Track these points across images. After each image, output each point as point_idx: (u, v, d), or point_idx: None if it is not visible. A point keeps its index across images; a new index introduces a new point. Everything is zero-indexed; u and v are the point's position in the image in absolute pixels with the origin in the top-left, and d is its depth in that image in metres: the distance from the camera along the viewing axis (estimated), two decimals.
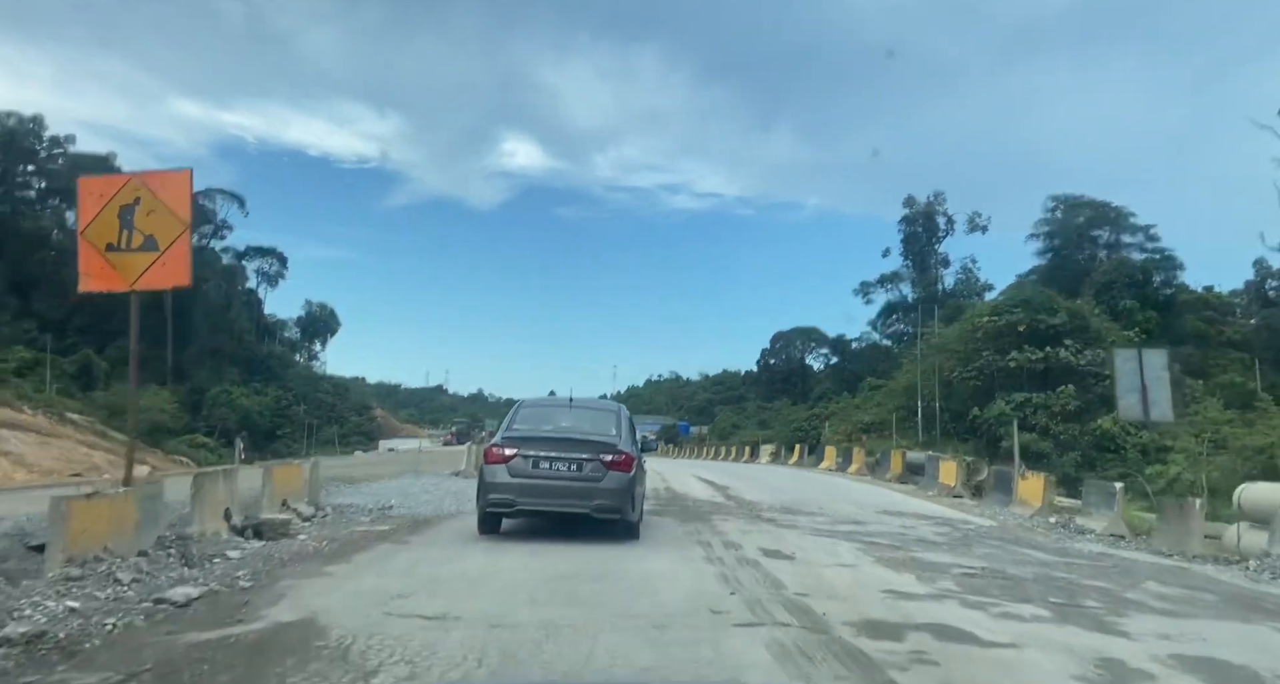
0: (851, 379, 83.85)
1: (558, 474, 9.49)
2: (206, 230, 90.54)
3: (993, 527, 14.09)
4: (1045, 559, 10.37)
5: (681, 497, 18.32)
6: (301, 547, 8.83)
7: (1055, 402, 45.85)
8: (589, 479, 9.48)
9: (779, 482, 23.15)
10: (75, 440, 54.91)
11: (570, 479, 9.50)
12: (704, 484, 21.73)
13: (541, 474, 9.50)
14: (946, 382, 51.79)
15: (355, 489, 15.24)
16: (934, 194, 67.56)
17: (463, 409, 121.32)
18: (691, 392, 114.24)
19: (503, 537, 10.07)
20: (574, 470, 9.50)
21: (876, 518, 14.89)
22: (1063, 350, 47.35)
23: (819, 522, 13.92)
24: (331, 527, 10.27)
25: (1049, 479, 15.43)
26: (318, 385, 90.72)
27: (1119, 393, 14.10)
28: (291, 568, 7.57)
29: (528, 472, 9.50)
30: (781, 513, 15.15)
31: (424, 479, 18.92)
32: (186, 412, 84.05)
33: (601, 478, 9.50)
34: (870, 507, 16.71)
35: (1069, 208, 63.82)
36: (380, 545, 9.14)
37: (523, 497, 9.52)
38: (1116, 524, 13.24)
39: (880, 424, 56.34)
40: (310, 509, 10.93)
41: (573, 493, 9.52)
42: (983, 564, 9.48)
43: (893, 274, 69.21)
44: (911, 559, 9.62)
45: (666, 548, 9.64)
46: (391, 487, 16.29)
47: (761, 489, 20.24)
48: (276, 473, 10.80)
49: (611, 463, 9.56)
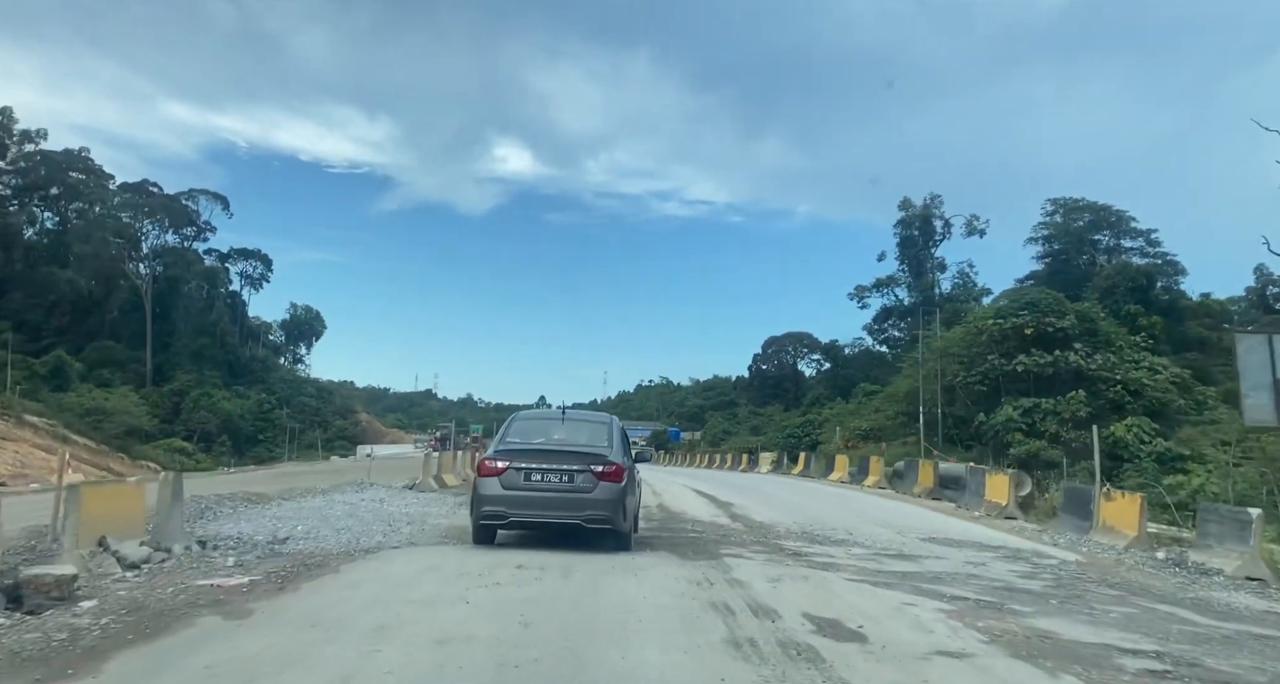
0: (845, 385, 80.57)
1: (549, 486, 9.35)
2: (189, 232, 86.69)
3: (1081, 563, 10.57)
4: (1213, 628, 6.88)
5: (677, 517, 14.78)
6: (64, 626, 5.22)
7: (1066, 407, 42.51)
8: (580, 490, 9.33)
9: (788, 496, 19.65)
10: (32, 444, 50.79)
11: (561, 490, 9.34)
12: (703, 500, 18.20)
13: (533, 486, 9.36)
14: (949, 387, 48.45)
15: (257, 511, 11.62)
16: (930, 197, 64.45)
17: (452, 413, 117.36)
18: (682, 397, 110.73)
19: (421, 604, 6.46)
20: (565, 482, 9.35)
21: (927, 548, 11.36)
22: (1072, 354, 44.12)
23: (858, 555, 10.38)
24: (163, 579, 6.68)
25: (1144, 501, 11.93)
26: (301, 389, 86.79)
27: (1244, 390, 10.73)
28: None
29: (519, 484, 9.35)
30: (806, 542, 11.62)
31: (365, 494, 15.37)
32: (164, 415, 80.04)
33: (592, 489, 9.33)
34: (911, 531, 13.19)
35: (1069, 211, 60.77)
36: (205, 619, 5.54)
37: (515, 508, 9.39)
38: (1254, 564, 9.76)
39: (879, 431, 52.96)
40: (145, 550, 7.33)
41: (564, 504, 9.37)
42: (1151, 645, 5.98)
43: (888, 278, 66.04)
44: (1037, 635, 6.11)
45: (662, 619, 6.08)
46: (309, 507, 12.70)
47: (771, 506, 16.73)
48: (90, 496, 7.16)
49: (602, 474, 9.38)
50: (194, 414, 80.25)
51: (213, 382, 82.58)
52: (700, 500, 17.96)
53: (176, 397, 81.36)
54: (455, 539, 10.41)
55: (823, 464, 28.02)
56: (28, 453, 48.99)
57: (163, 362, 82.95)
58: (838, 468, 25.33)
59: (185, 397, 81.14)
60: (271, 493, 14.42)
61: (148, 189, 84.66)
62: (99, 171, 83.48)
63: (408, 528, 10.83)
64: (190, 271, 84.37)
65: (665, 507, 16.52)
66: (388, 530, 10.59)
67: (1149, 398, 43.46)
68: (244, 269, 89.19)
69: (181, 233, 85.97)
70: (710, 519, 14.47)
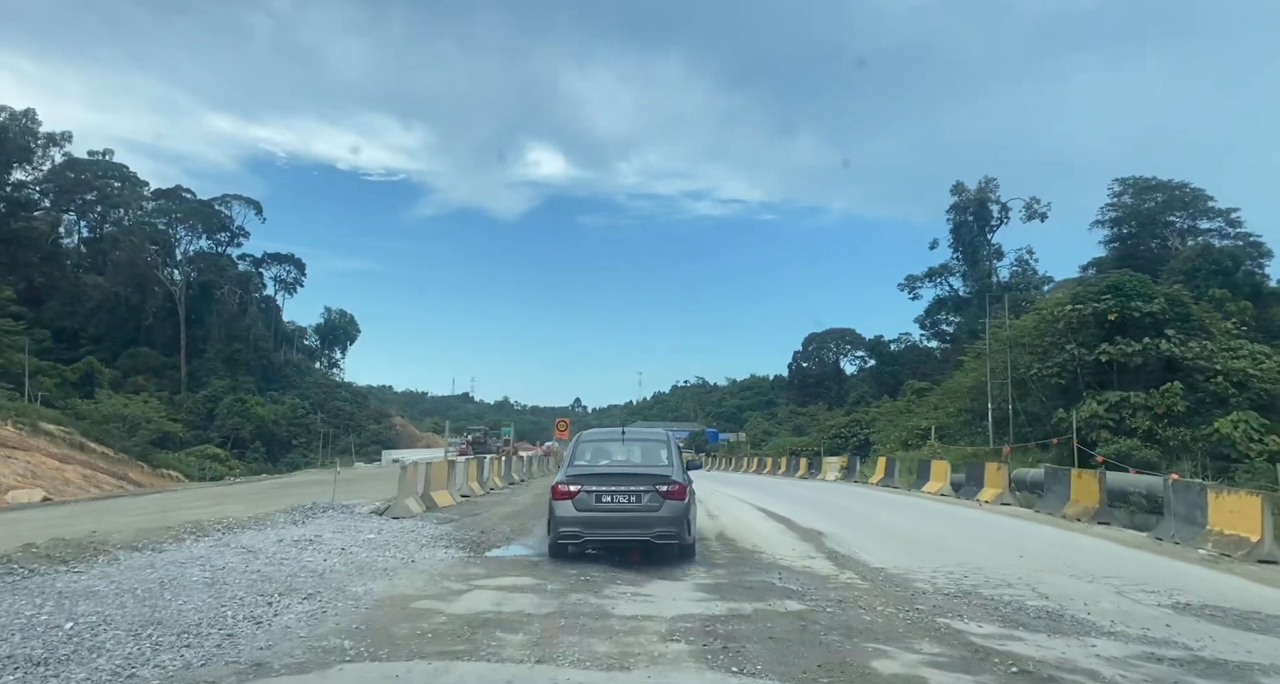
0: (891, 382, 74.64)
1: (619, 506, 9.49)
2: (223, 237, 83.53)
3: None
4: None
5: (751, 558, 9.63)
6: None
7: (1159, 401, 36.35)
8: (648, 509, 9.47)
9: (887, 517, 14.36)
10: (47, 453, 47.02)
11: (630, 510, 9.49)
12: (774, 524, 12.97)
13: (604, 507, 9.48)
14: (1020, 380, 42.48)
15: (46, 581, 6.62)
16: (985, 180, 58.29)
17: (488, 416, 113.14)
18: (719, 397, 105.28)
19: None
20: (633, 502, 9.50)
21: (1218, 635, 6.07)
22: (1164, 341, 37.95)
23: (1118, 659, 5.17)
24: None
25: None
26: (335, 393, 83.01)
27: None
28: None
29: (591, 505, 9.47)
30: (991, 619, 6.40)
31: (304, 527, 10.45)
32: (198, 422, 76.67)
33: (659, 507, 9.46)
34: (1133, 589, 7.83)
35: (1140, 191, 54.23)
36: None
37: (588, 528, 9.46)
38: None
39: (940, 430, 47.08)
40: None
41: (634, 522, 9.50)
42: None
43: (941, 267, 59.92)
44: None
45: None
46: (165, 563, 7.64)
47: (877, 536, 11.51)
48: None
49: (667, 493, 9.52)
50: (228, 420, 76.85)
51: (246, 387, 79.13)
52: (771, 525, 12.73)
53: (210, 403, 78.04)
54: (373, 639, 5.36)
55: (911, 471, 22.37)
56: (40, 462, 45.16)
57: (197, 367, 79.70)
58: (936, 476, 19.50)
59: (219, 403, 77.79)
60: (173, 524, 9.48)
61: (181, 194, 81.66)
62: (133, 178, 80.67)
63: (288, 617, 5.79)
64: (223, 277, 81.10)
65: (728, 537, 11.33)
66: (239, 625, 5.53)
67: (1255, 390, 37.16)
68: (278, 274, 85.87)
69: (215, 238, 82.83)
70: (802, 564, 9.25)
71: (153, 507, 19.32)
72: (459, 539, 10.65)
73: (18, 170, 57.15)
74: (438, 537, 10.68)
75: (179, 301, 78.75)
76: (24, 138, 56.39)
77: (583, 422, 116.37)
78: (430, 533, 10.93)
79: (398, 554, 9.01)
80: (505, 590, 7.32)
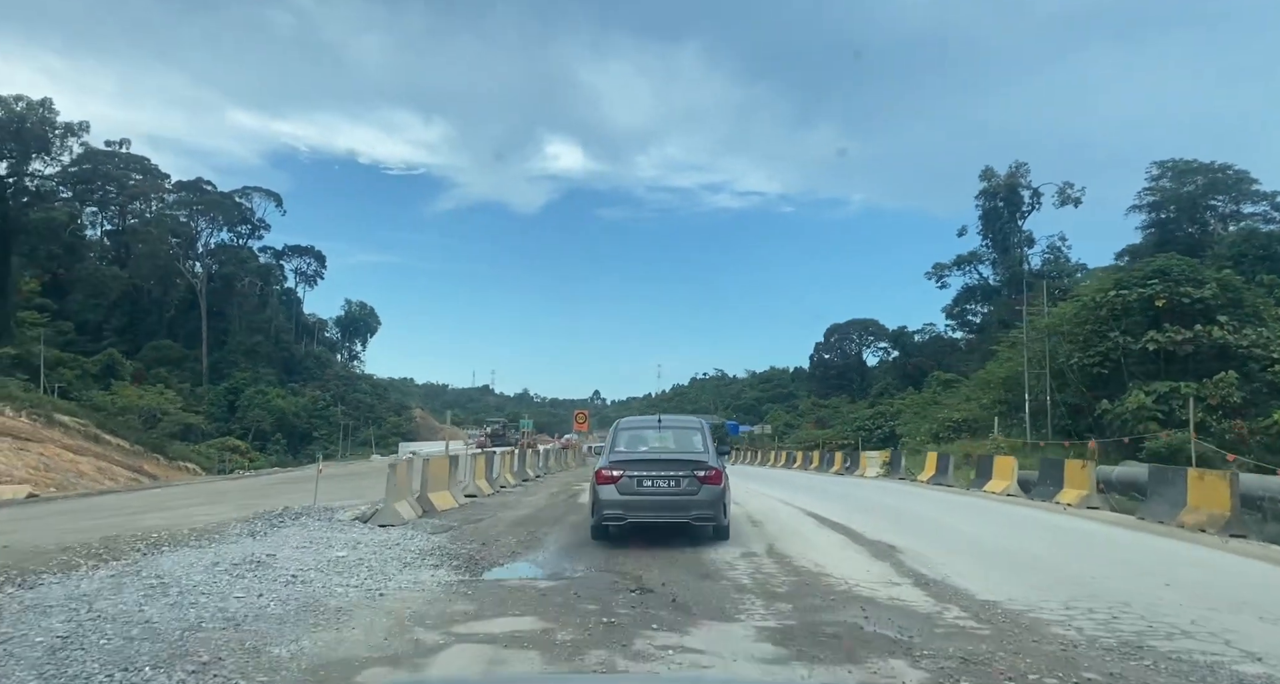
0: (915, 374, 71.93)
1: (659, 490, 9.73)
2: (243, 230, 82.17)
3: None
4: None
5: (817, 581, 7.41)
6: None
7: (1213, 392, 33.63)
8: (686, 493, 9.71)
9: (961, 523, 12.07)
10: (61, 445, 45.57)
11: (670, 494, 9.72)
12: (835, 536, 10.73)
13: (646, 491, 9.74)
14: (1058, 370, 39.83)
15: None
16: (1016, 165, 55.36)
17: (508, 408, 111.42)
18: (738, 390, 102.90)
19: None
20: (673, 486, 9.73)
21: None
22: (1216, 328, 35.18)
23: None
24: None
25: None
26: (356, 385, 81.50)
27: None
28: None
29: (634, 489, 9.73)
30: None
31: (281, 535, 8.38)
32: (219, 414, 75.43)
33: (697, 491, 9.71)
34: None
35: (1179, 174, 51.13)
36: None
37: (630, 511, 9.74)
38: None
39: (972, 422, 44.50)
40: None
41: (673, 506, 9.74)
42: None
43: (970, 255, 57.08)
44: None
45: None
46: (87, 587, 5.50)
47: (954, 547, 9.29)
48: None
49: (704, 478, 9.76)
50: (249, 412, 75.61)
51: (267, 379, 77.86)
52: (829, 536, 10.49)
53: (232, 395, 76.83)
54: None
55: (965, 468, 19.86)
56: (55, 454, 43.72)
57: (218, 360, 78.50)
58: (1000, 474, 16.89)
59: (240, 395, 76.57)
60: (8, 559, 7.46)
61: (202, 187, 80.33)
62: (155, 170, 79.41)
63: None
64: (244, 269, 79.74)
65: (781, 553, 9.10)
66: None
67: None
68: (298, 266, 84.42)
69: (236, 231, 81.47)
70: (886, 593, 7.01)
71: (135, 505, 17.42)
72: (452, 554, 8.53)
73: (36, 161, 55.90)
74: (426, 551, 8.55)
75: (200, 294, 77.53)
76: (42, 128, 55.04)
77: (602, 414, 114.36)
78: (418, 546, 8.80)
79: (367, 580, 6.87)
80: (498, 644, 5.15)
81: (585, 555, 8.90)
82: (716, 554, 9.00)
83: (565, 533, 10.58)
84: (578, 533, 10.60)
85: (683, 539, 9.97)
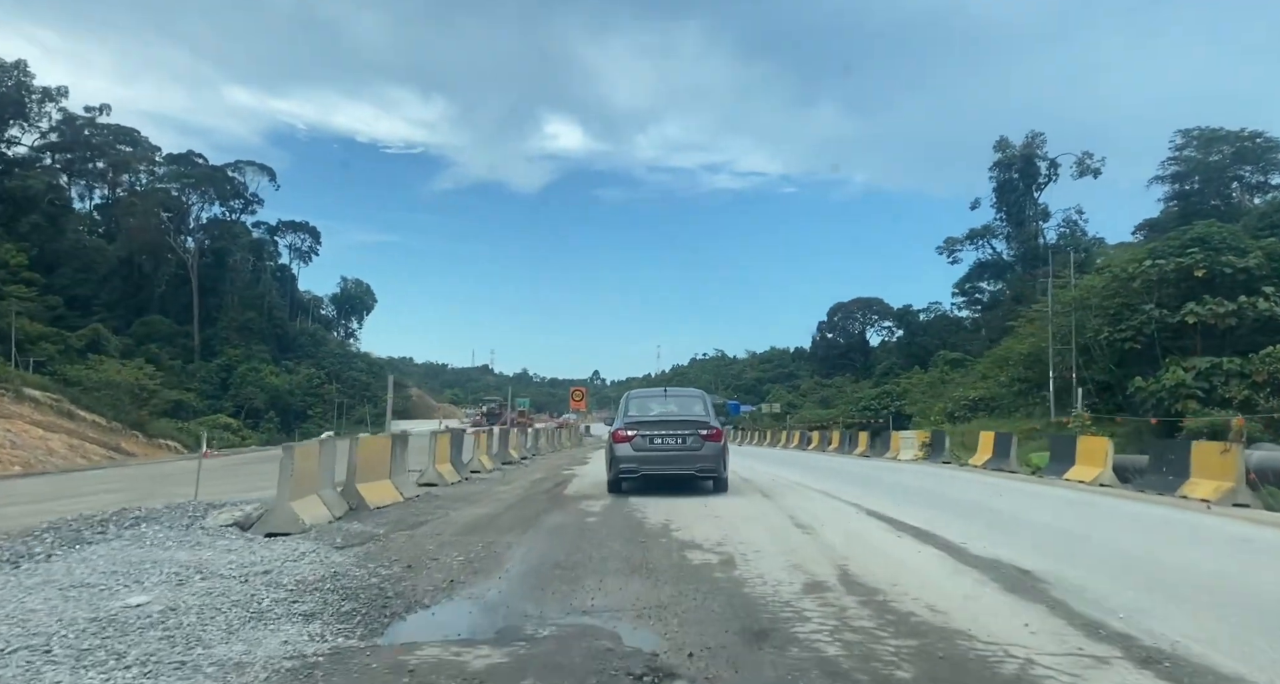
0: (920, 353, 68.63)
1: (668, 447, 11.10)
2: (236, 204, 78.36)
3: None
4: None
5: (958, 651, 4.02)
6: None
7: (1259, 367, 30.26)
8: (691, 449, 11.05)
9: (1078, 527, 8.74)
10: (29, 421, 42.17)
11: (678, 450, 11.08)
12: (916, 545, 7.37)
13: (656, 447, 11.11)
14: (1085, 346, 36.49)
15: None
16: (1032, 135, 51.64)
17: (507, 388, 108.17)
18: (739, 370, 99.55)
19: None
20: (680, 443, 11.09)
21: None
22: (1262, 300, 31.78)
23: None
24: None
25: None
26: (351, 363, 78.09)
27: None
28: None
29: (646, 447, 11.11)
30: None
31: (92, 551, 5.14)
32: (211, 390, 72.12)
33: (701, 447, 11.04)
34: None
35: (1205, 142, 47.50)
36: None
37: (644, 465, 11.12)
38: None
39: (990, 401, 41.23)
40: None
41: (680, 460, 11.09)
42: None
43: (984, 228, 53.47)
44: None
45: None
46: None
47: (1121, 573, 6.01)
48: None
49: (707, 436, 11.13)
50: (241, 389, 72.29)
51: (260, 356, 74.45)
52: (922, 553, 7.07)
53: (224, 371, 73.46)
54: None
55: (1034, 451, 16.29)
56: (23, 430, 40.32)
57: (210, 336, 75.02)
58: (1088, 459, 13.19)
59: (233, 372, 73.22)
60: None
61: (193, 160, 76.43)
62: (145, 143, 75.44)
63: None
64: (236, 244, 76.04)
65: (870, 590, 5.69)
66: None
67: None
68: (292, 242, 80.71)
69: (228, 205, 77.66)
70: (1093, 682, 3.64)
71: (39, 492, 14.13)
72: (349, 590, 5.18)
73: (13, 127, 52.01)
74: (308, 585, 5.19)
75: (191, 269, 73.92)
76: (18, 93, 51.15)
77: (601, 394, 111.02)
78: (301, 574, 5.43)
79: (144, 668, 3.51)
80: None
81: (562, 585, 5.55)
82: (766, 584, 5.65)
83: (539, 544, 7.22)
84: (558, 543, 7.24)
85: (711, 556, 6.62)
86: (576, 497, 11.30)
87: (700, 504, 10.26)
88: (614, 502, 10.69)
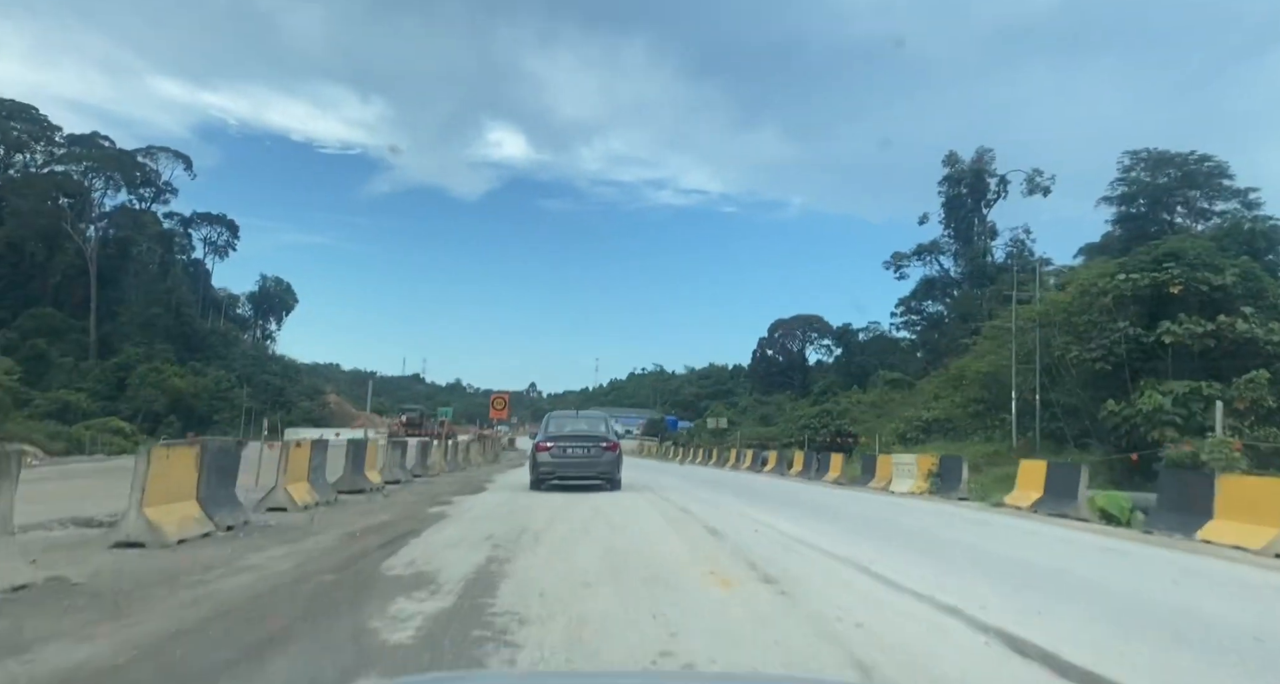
0: (859, 373, 65.16)
1: (577, 456, 14.33)
2: (147, 193, 69.96)
3: None
4: None
5: None
6: None
7: (1242, 393, 26.79)
8: (594, 457, 14.37)
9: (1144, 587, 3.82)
10: None
11: (584, 458, 14.36)
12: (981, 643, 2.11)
13: (568, 457, 14.28)
14: (1050, 366, 32.77)
15: None
16: (981, 151, 48.68)
17: (440, 398, 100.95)
18: (677, 385, 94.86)
19: None
20: (586, 453, 14.38)
21: None
22: (1241, 321, 28.53)
23: None
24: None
25: None
26: (265, 366, 70.17)
27: None
28: None
29: (561, 455, 14.23)
30: None
31: None
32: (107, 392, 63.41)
33: (601, 456, 14.40)
34: None
35: (1153, 164, 45.19)
36: None
37: (559, 469, 14.20)
38: None
39: (944, 423, 37.27)
40: None
41: (585, 465, 14.35)
42: None
43: (931, 243, 50.16)
44: None
45: None
46: None
47: None
48: None
49: (606, 447, 14.55)
50: (140, 391, 63.67)
51: (164, 356, 65.97)
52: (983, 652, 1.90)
53: (122, 371, 64.68)
54: None
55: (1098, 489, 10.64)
56: None
57: (109, 332, 66.24)
58: (1234, 509, 7.31)
59: (132, 371, 64.54)
60: None
61: (98, 142, 67.80)
62: (43, 121, 66.50)
63: None
64: (144, 234, 67.56)
65: None
66: None
67: None
68: (208, 235, 72.47)
69: (137, 193, 69.10)
70: None
71: None
72: None
73: None
74: None
75: (90, 259, 65.17)
76: None
77: (537, 406, 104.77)
78: None
79: None
80: None
81: None
82: None
83: None
84: None
85: None
86: (405, 578, 5.83)
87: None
88: (463, 603, 5.28)
